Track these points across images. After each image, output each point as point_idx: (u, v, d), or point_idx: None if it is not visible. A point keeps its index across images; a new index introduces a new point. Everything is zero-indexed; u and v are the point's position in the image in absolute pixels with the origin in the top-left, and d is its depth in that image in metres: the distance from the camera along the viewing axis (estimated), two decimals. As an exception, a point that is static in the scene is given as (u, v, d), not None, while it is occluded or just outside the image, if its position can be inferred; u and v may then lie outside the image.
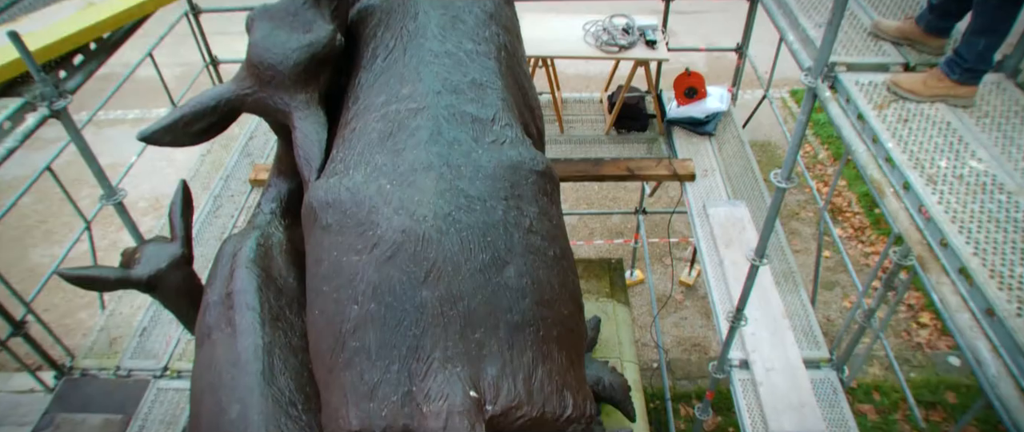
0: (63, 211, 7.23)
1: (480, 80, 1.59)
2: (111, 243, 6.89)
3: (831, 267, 6.83)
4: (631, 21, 4.83)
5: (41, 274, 3.78)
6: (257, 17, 1.80)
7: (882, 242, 6.95)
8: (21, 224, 7.21)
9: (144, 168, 6.89)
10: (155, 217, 7.43)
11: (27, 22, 2.97)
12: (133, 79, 4.54)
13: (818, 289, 4.39)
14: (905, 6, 3.16)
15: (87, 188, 6.52)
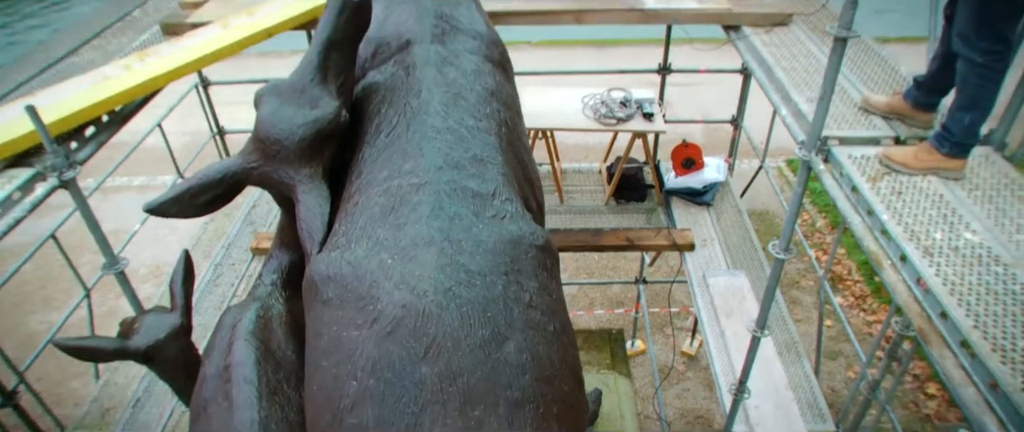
0: (63, 277, 7.22)
1: (481, 156, 1.64)
2: (109, 310, 6.85)
3: (834, 336, 6.76)
4: (628, 94, 4.97)
5: (38, 341, 3.75)
6: (265, 93, 1.86)
7: (884, 310, 6.90)
8: (20, 290, 7.19)
9: (146, 235, 6.93)
10: (155, 284, 7.41)
11: (44, 95, 3.06)
12: (140, 146, 4.64)
13: (821, 359, 4.33)
14: (892, 82, 3.26)
15: (88, 254, 6.54)
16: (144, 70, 3.14)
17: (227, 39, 3.29)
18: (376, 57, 2.01)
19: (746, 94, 5.38)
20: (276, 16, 3.50)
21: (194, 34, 3.52)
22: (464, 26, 2.05)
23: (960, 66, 2.48)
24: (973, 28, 2.37)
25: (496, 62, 2.05)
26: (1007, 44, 2.37)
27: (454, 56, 1.93)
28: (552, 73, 6.04)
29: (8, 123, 2.79)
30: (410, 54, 1.92)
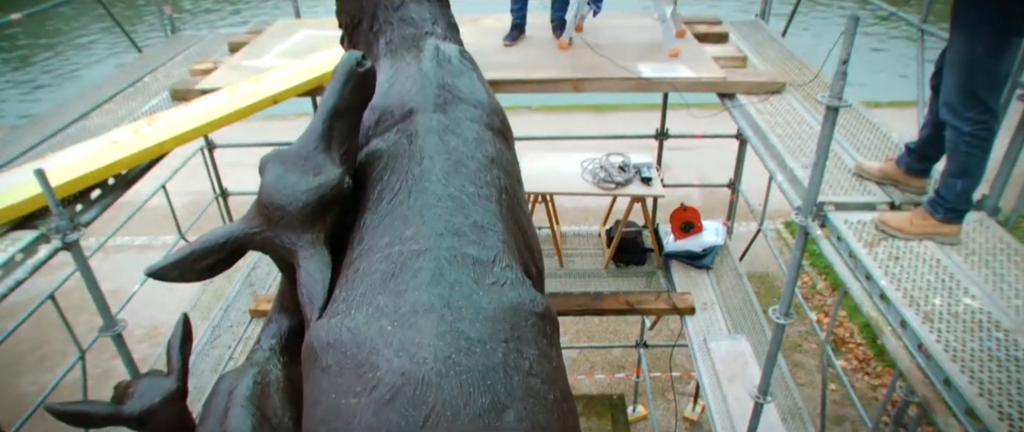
0: (58, 337, 7.14)
1: (482, 222, 1.66)
2: (103, 372, 6.75)
3: (838, 401, 6.63)
4: (627, 159, 5.05)
5: (28, 404, 3.68)
6: (270, 160, 1.90)
7: (889, 373, 6.80)
8: (13, 350, 7.10)
9: (145, 294, 6.88)
10: (152, 345, 7.33)
11: (53, 158, 3.12)
12: (143, 207, 4.68)
13: (826, 425, 4.24)
14: (885, 148, 3.33)
15: (86, 314, 6.49)
16: (152, 134, 3.21)
17: (234, 105, 3.37)
18: (380, 125, 2.07)
19: (742, 158, 5.47)
20: (282, 83, 3.60)
21: (202, 100, 3.61)
22: (465, 95, 2.12)
23: (949, 134, 2.54)
24: (959, 99, 2.44)
25: (496, 130, 2.10)
26: (993, 114, 2.44)
27: (456, 124, 1.98)
28: (551, 138, 6.16)
29: (17, 186, 2.84)
30: (413, 122, 1.97)
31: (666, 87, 3.96)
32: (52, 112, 4.06)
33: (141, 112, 3.94)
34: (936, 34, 3.33)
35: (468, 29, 3.97)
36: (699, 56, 4.14)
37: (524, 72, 3.95)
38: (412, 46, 2.30)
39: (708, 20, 4.97)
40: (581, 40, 4.45)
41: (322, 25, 5.01)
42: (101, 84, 4.49)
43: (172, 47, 5.15)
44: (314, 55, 4.02)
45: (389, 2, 2.42)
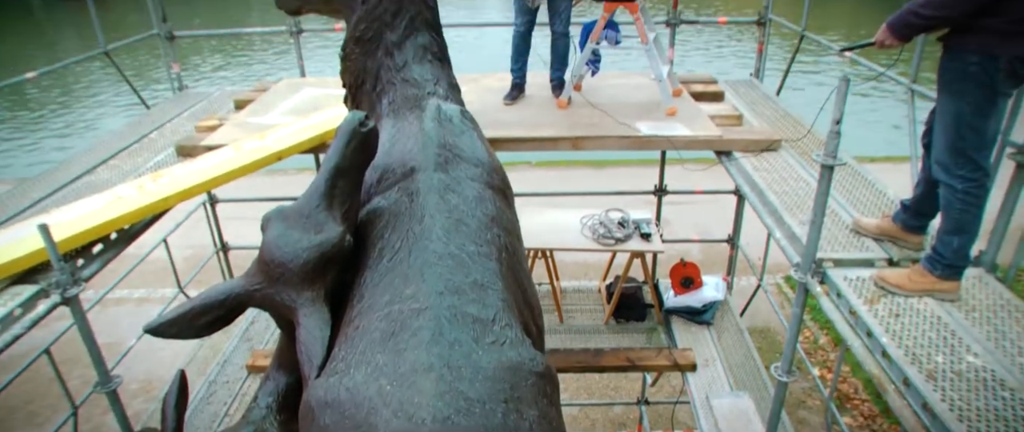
0: (50, 391, 7.03)
1: (482, 281, 1.67)
2: (94, 427, 6.62)
3: (846, 461, 6.47)
4: (626, 215, 5.09)
5: (16, 464, 3.60)
6: (272, 217, 1.93)
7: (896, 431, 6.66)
8: (5, 404, 6.96)
9: (140, 349, 6.83)
10: (145, 400, 7.19)
11: (58, 213, 3.15)
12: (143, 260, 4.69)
13: (834, 487, 4.14)
14: (881, 204, 3.36)
15: (80, 368, 6.41)
16: (156, 190, 3.25)
17: (238, 162, 3.42)
18: (381, 183, 2.10)
19: (741, 213, 5.51)
20: (286, 140, 3.66)
21: (207, 156, 3.67)
22: (466, 154, 2.16)
23: (942, 192, 2.57)
24: (950, 157, 2.48)
25: (497, 189, 2.14)
26: (984, 172, 2.47)
27: (456, 183, 2.01)
28: (551, 194, 6.22)
29: (21, 240, 2.86)
30: (414, 181, 2.00)
31: (664, 145, 4.02)
32: (59, 167, 4.12)
33: (147, 167, 3.99)
34: (926, 94, 3.41)
35: (469, 88, 4.07)
36: (696, 114, 4.23)
37: (524, 130, 4.03)
38: (414, 106, 2.36)
39: (704, 79, 5.09)
40: (580, 99, 4.55)
41: (326, 84, 5.13)
42: (108, 139, 4.57)
43: (179, 104, 5.26)
44: (318, 113, 4.11)
45: (392, 63, 2.49)
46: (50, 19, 32.18)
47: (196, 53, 19.67)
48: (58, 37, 26.81)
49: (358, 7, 2.56)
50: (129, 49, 5.77)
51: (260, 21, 24.45)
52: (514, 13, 4.48)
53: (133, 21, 26.29)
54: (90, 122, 14.38)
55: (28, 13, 33.68)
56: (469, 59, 9.10)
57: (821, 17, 23.66)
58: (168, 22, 5.52)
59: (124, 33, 10.58)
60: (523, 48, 4.54)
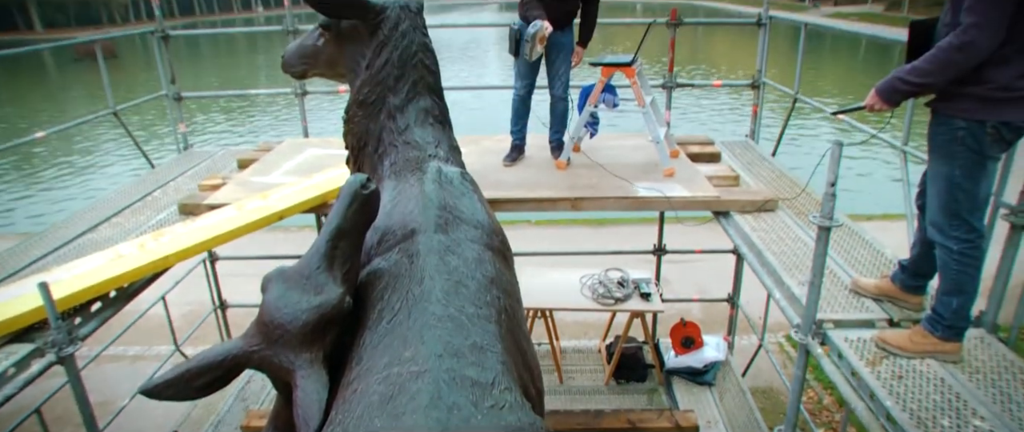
0: (37, 454, 6.85)
1: (481, 343, 1.67)
2: (81, 492, 6.42)
3: (857, 529, 6.26)
4: (626, 275, 5.09)
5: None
6: (272, 278, 1.94)
7: (908, 501, 6.45)
8: (-10, 468, 6.79)
9: (132, 407, 6.71)
10: (134, 463, 7.01)
11: (58, 271, 3.16)
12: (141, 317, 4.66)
13: None
14: (879, 264, 3.37)
15: (70, 428, 6.27)
16: (158, 249, 3.27)
17: (240, 221, 3.46)
18: (382, 244, 2.12)
19: (741, 272, 5.51)
20: (288, 200, 3.70)
21: (209, 215, 3.70)
22: (466, 216, 2.19)
23: (938, 253, 2.59)
24: (944, 219, 2.51)
25: (496, 250, 2.16)
26: (978, 233, 2.50)
27: (456, 244, 2.03)
28: (551, 253, 6.24)
29: (20, 298, 2.86)
30: (414, 243, 2.02)
31: (662, 205, 4.07)
32: (61, 224, 4.15)
33: (149, 226, 4.03)
34: (917, 156, 3.47)
35: (469, 150, 4.14)
36: (693, 175, 4.29)
37: (524, 191, 4.08)
38: (416, 168, 2.40)
39: (701, 141, 5.19)
40: (579, 160, 4.63)
41: (329, 144, 5.22)
42: (112, 197, 4.62)
43: (183, 162, 5.34)
44: (320, 174, 4.17)
45: (395, 126, 2.55)
46: (62, 77, 32.98)
47: (202, 111, 20.03)
48: (68, 95, 27.40)
49: (362, 72, 2.63)
50: (137, 107, 5.90)
51: (267, 82, 25.02)
52: (514, 77, 4.61)
53: (143, 79, 26.94)
54: (96, 179, 14.52)
55: (42, 72, 34.54)
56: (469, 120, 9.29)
57: (813, 78, 24.25)
58: (176, 83, 5.66)
59: (133, 90, 10.69)
60: (523, 111, 4.64)
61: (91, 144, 17.07)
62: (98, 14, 73.57)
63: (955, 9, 2.30)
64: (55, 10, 70.84)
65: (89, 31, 64.20)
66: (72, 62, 35.01)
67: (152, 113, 17.69)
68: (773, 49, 5.38)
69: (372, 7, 2.56)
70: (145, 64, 34.00)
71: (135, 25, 73.46)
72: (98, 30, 66.20)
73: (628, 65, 4.29)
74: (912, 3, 55.27)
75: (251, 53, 38.63)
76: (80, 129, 17.48)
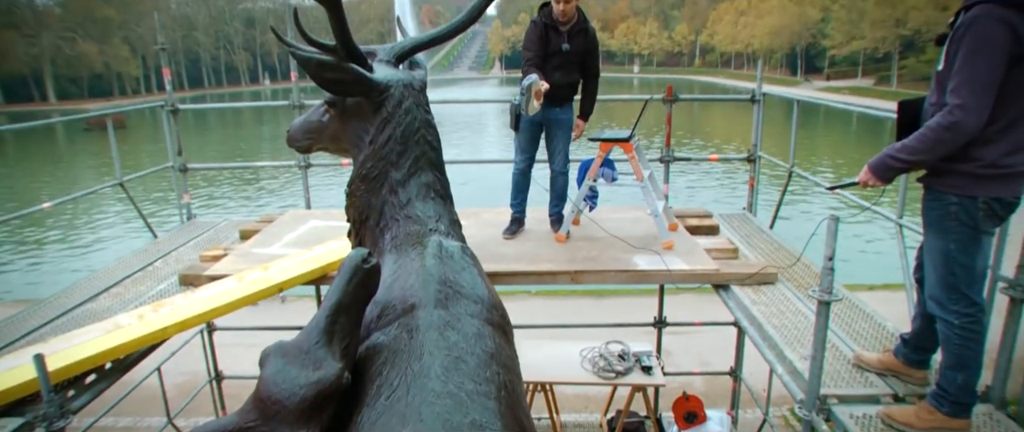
0: None
1: (480, 421, 1.65)
2: None
3: None
4: (626, 347, 5.03)
5: None
6: (271, 353, 1.93)
7: None
8: None
9: (120, 486, 6.50)
10: None
11: (55, 342, 3.14)
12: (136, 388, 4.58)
13: None
14: (881, 337, 3.35)
15: (52, 510, 6.04)
16: (156, 320, 3.26)
17: (240, 293, 3.46)
18: (381, 319, 2.12)
19: (742, 345, 5.45)
20: (289, 272, 3.72)
21: (209, 286, 3.71)
22: (466, 291, 2.20)
23: (940, 327, 2.58)
24: (943, 293, 2.51)
25: (496, 325, 2.15)
26: (979, 307, 2.50)
27: (456, 320, 2.03)
28: (551, 326, 6.19)
29: (15, 369, 2.84)
30: (414, 318, 2.02)
31: (662, 279, 4.07)
32: (60, 294, 4.15)
33: (149, 296, 4.02)
34: (913, 228, 3.50)
35: (470, 223, 4.18)
36: (692, 248, 4.32)
37: (524, 264, 4.09)
38: (417, 242, 2.43)
39: (699, 213, 5.24)
40: (578, 233, 4.67)
41: (330, 216, 5.28)
42: (113, 267, 4.63)
43: (186, 233, 5.38)
44: (321, 246, 4.20)
45: (396, 200, 2.59)
46: (71, 146, 33.59)
47: (207, 182, 20.29)
48: (77, 164, 27.83)
49: (365, 147, 2.70)
50: (143, 177, 6.01)
51: (271, 154, 25.44)
52: (514, 151, 4.70)
53: (149, 149, 27.42)
54: (99, 248, 14.56)
55: (52, 141, 35.22)
56: (470, 193, 9.39)
57: (808, 149, 24.69)
58: (182, 155, 5.78)
59: (140, 159, 10.77)
60: (523, 184, 4.71)
61: (97, 212, 17.21)
62: (110, 86, 75.71)
63: (941, 89, 2.38)
64: (69, 82, 72.99)
65: (101, 102, 65.96)
66: (82, 132, 35.77)
67: (158, 184, 17.92)
68: (768, 119, 5.51)
69: (376, 85, 2.64)
70: (153, 133, 34.71)
71: (145, 97, 75.53)
72: (109, 101, 68.01)
73: (626, 140, 4.39)
74: (900, 78, 57.09)
75: (257, 125, 39.48)
76: (86, 198, 17.67)
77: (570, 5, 4.28)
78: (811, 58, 75.00)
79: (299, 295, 8.44)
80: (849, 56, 66.78)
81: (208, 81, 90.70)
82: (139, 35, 77.62)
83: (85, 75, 73.24)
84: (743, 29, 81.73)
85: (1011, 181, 2.38)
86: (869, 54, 63.55)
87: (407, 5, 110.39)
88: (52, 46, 69.64)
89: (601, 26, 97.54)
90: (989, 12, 2.20)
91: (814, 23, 72.52)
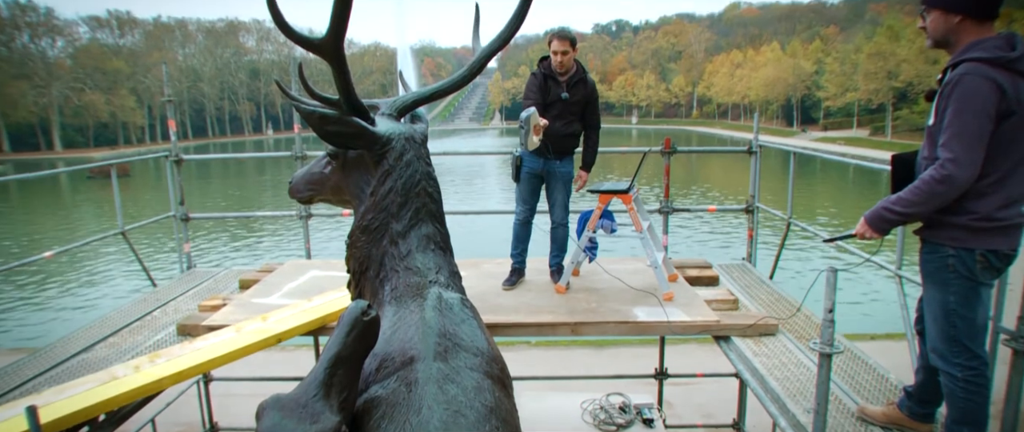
0: None
1: (479, 476, 1.63)
2: None
3: None
4: (627, 399, 4.95)
5: None
6: (268, 406, 1.91)
7: None
8: None
9: None
10: None
11: (49, 393, 3.10)
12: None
13: None
14: (884, 389, 3.31)
15: None
16: (153, 371, 3.23)
17: (237, 343, 3.44)
18: (380, 371, 2.11)
19: (744, 396, 5.38)
20: (287, 323, 3.70)
21: (207, 337, 3.68)
22: (466, 344, 2.19)
23: (944, 380, 2.55)
24: (945, 346, 2.50)
25: (496, 378, 2.14)
26: (982, 360, 2.48)
27: (455, 373, 2.02)
28: (551, 378, 6.12)
29: (6, 421, 2.80)
30: (413, 370, 2.01)
31: (661, 330, 4.05)
32: (57, 344, 4.12)
33: (146, 347, 4.00)
34: (912, 280, 3.50)
35: (469, 273, 4.19)
36: (692, 299, 4.31)
37: (524, 316, 4.08)
38: (416, 294, 2.43)
39: (699, 264, 5.24)
40: (578, 284, 4.66)
41: (330, 266, 5.28)
42: (112, 316, 4.61)
43: (185, 282, 5.37)
44: (320, 296, 4.19)
45: (397, 252, 2.60)
46: (74, 194, 33.78)
47: (208, 231, 20.33)
48: (79, 212, 27.94)
49: (367, 199, 2.73)
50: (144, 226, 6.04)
51: (273, 204, 25.57)
52: (515, 202, 4.74)
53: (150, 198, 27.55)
54: (99, 297, 14.48)
55: (56, 189, 35.44)
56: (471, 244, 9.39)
57: (807, 198, 24.81)
58: (185, 204, 5.82)
59: (142, 207, 10.69)
60: (524, 235, 4.73)
61: (98, 260, 17.18)
62: (115, 135, 76.69)
63: (932, 143, 2.43)
64: (75, 131, 73.98)
65: (105, 150, 66.70)
66: (85, 179, 36.04)
67: (159, 230, 17.95)
68: (765, 169, 5.57)
69: (378, 138, 2.69)
70: (156, 180, 34.97)
71: (150, 145, 76.41)
72: (114, 150, 68.77)
73: (625, 192, 4.43)
74: (895, 129, 57.92)
75: (259, 174, 39.79)
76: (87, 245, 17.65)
77: (568, 56, 4.39)
78: (807, 109, 76.21)
79: (297, 345, 8.36)
80: (844, 107, 67.91)
81: (212, 131, 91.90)
82: (146, 86, 79.15)
83: (91, 124, 74.30)
84: (739, 81, 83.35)
85: (1007, 233, 2.40)
86: (863, 105, 64.61)
87: (409, 58, 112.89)
88: (61, 96, 70.91)
89: (600, 78, 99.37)
90: (975, 69, 2.26)
91: (808, 75, 74.02)
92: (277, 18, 2.30)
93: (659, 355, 5.36)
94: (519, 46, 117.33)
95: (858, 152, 46.02)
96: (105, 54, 78.58)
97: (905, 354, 3.55)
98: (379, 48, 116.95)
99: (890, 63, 57.72)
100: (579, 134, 4.64)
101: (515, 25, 2.96)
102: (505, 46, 3.06)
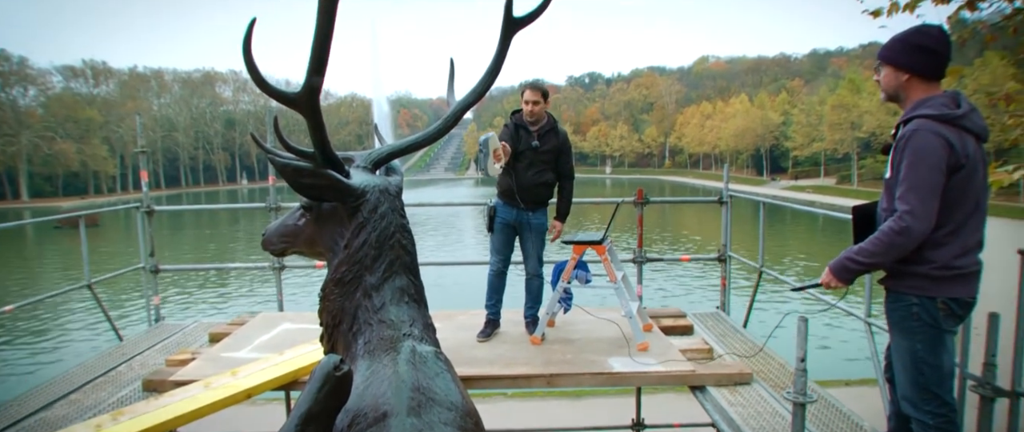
0: None
1: None
2: None
3: None
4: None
5: None
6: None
7: None
8: None
9: None
10: None
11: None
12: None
13: None
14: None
15: None
16: (115, 429, 3.12)
17: (206, 400, 3.35)
18: (352, 427, 2.06)
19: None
20: (258, 378, 3.62)
21: (174, 393, 3.58)
22: (440, 398, 2.16)
23: (915, 428, 2.58)
24: (915, 394, 2.54)
25: (470, 433, 2.12)
26: (950, 407, 2.52)
27: (429, 428, 1.99)
28: (527, 430, 6.02)
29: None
30: (386, 426, 1.98)
31: (637, 381, 4.05)
32: (12, 402, 3.95)
33: (108, 404, 3.86)
34: (881, 327, 3.56)
35: (443, 325, 4.14)
36: (667, 349, 4.31)
37: (499, 368, 4.03)
38: (390, 348, 2.40)
39: (673, 314, 5.27)
40: (553, 335, 4.65)
41: (303, 319, 5.20)
42: (74, 372, 4.46)
43: (152, 336, 5.23)
44: (292, 350, 4.11)
45: (370, 305, 2.58)
46: (40, 245, 32.92)
47: (178, 283, 19.88)
48: (44, 264, 27.15)
49: (340, 251, 2.71)
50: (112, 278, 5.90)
51: (244, 254, 25.17)
52: (490, 253, 4.75)
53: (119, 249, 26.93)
54: (61, 352, 13.97)
55: (21, 239, 34.51)
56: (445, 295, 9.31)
57: (778, 244, 25.18)
58: (154, 256, 5.72)
59: (111, 258, 10.35)
60: (498, 285, 4.72)
61: (62, 314, 16.65)
62: (85, 184, 75.47)
63: (890, 195, 2.52)
64: (44, 180, 72.69)
65: (75, 200, 65.40)
66: (53, 229, 35.19)
67: (127, 281, 17.51)
68: (737, 217, 5.67)
69: (352, 190, 2.70)
70: (126, 231, 34.24)
71: (121, 195, 75.20)
72: (84, 199, 67.47)
73: (599, 243, 4.48)
74: (860, 177, 59.61)
75: (232, 224, 39.26)
76: (52, 298, 17.09)
77: (539, 106, 4.48)
78: (776, 158, 78.21)
79: (267, 399, 8.13)
80: (811, 156, 69.88)
81: (185, 180, 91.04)
82: (119, 135, 78.48)
83: (61, 173, 73.12)
84: (709, 132, 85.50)
85: (965, 281, 2.48)
86: (830, 154, 66.57)
87: (385, 109, 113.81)
88: (30, 145, 69.86)
89: (574, 129, 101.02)
90: (924, 125, 2.38)
91: (776, 126, 76.26)
92: (253, 72, 2.32)
93: (635, 406, 5.32)
94: (494, 98, 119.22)
95: (826, 199, 47.12)
96: (78, 103, 78.00)
97: (878, 399, 3.58)
98: (355, 99, 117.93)
99: (853, 114, 59.89)
100: (553, 184, 4.69)
101: (490, 79, 3.02)
102: (480, 99, 3.12)
